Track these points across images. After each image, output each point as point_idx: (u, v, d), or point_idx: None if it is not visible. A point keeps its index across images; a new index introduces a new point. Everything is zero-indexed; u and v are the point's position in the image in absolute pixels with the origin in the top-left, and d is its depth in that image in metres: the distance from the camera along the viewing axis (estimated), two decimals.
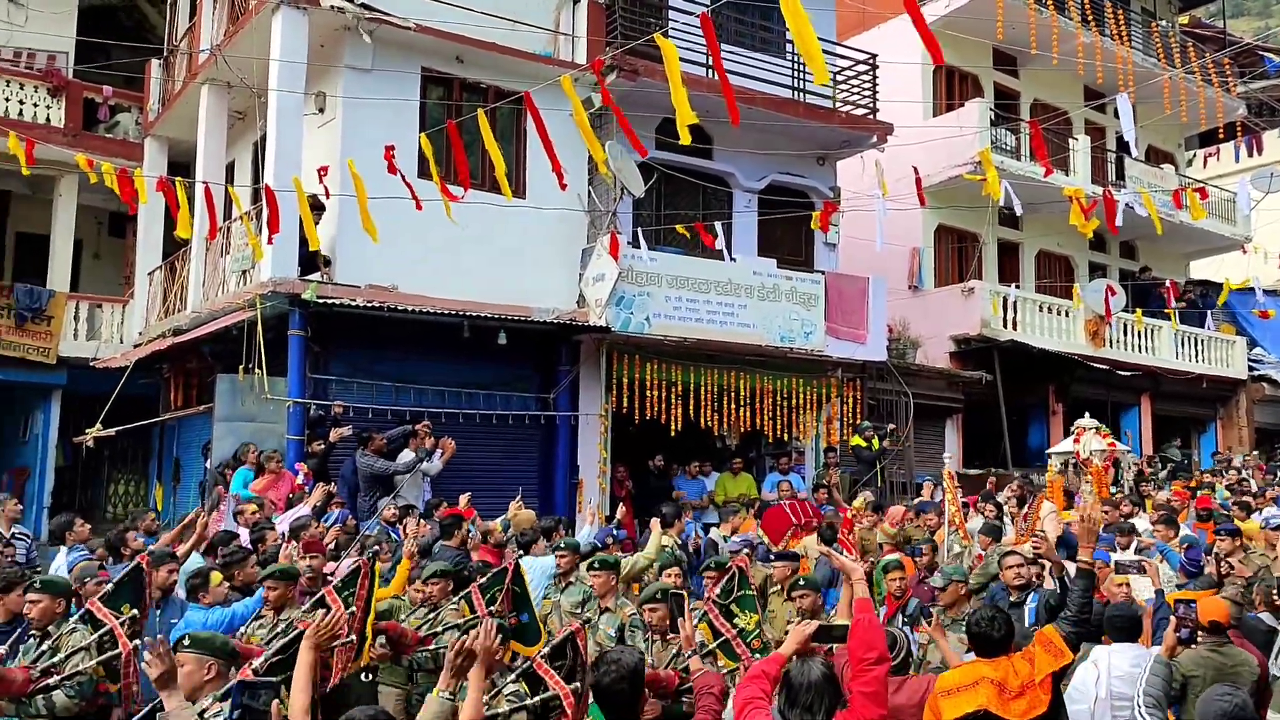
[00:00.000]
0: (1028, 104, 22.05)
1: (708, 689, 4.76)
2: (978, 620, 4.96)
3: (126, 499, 16.64)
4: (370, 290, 11.64)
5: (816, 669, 4.10)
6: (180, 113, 14.96)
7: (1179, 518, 10.53)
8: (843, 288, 14.84)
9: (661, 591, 6.23)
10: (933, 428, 17.96)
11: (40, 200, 16.84)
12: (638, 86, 12.76)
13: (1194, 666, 5.45)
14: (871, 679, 4.41)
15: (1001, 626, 4.89)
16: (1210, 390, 22.20)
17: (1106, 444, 13.02)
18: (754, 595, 5.99)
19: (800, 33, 6.01)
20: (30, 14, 16.89)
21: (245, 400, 11.31)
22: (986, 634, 4.87)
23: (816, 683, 4.05)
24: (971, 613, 5.28)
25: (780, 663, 4.36)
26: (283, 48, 11.47)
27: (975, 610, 5.23)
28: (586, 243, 13.32)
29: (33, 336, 15.33)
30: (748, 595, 5.97)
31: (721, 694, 4.75)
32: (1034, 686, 4.70)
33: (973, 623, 4.99)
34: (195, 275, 13.63)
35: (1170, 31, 23.87)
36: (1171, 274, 23.90)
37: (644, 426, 13.60)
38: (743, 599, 5.93)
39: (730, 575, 6.03)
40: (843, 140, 15.68)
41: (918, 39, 19.33)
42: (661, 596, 6.14)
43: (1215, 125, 23.74)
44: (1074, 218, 11.85)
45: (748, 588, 6.01)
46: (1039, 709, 4.67)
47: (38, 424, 15.90)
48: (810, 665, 4.13)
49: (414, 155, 10.97)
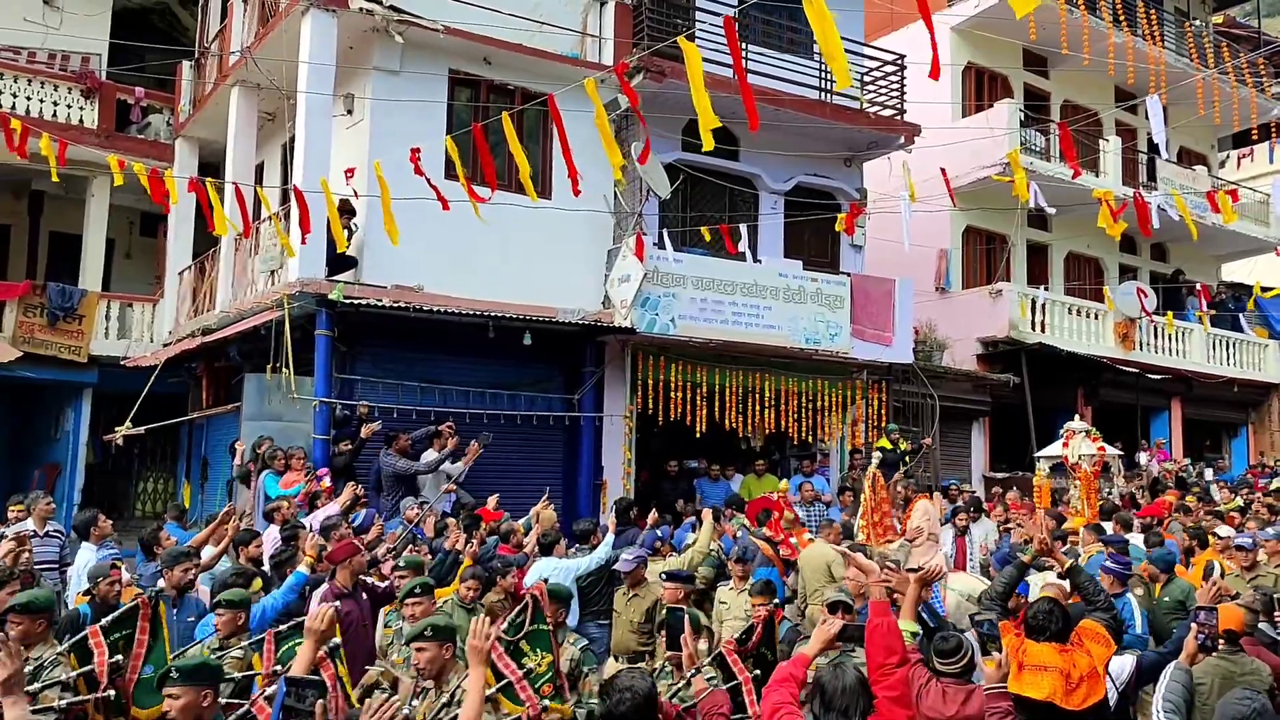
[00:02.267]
0: (1058, 105, 21.86)
1: (715, 709, 4.60)
2: (1035, 614, 5.20)
3: (155, 497, 16.81)
4: (396, 290, 11.71)
5: (850, 673, 4.11)
6: (211, 114, 15.11)
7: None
8: (869, 289, 14.78)
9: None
10: (960, 430, 17.85)
11: (73, 200, 17.04)
12: (664, 88, 12.76)
13: (1202, 674, 5.44)
14: (895, 681, 4.42)
15: (1059, 620, 5.16)
16: (1242, 394, 21.95)
17: (1096, 448, 12.91)
18: (549, 631, 5.07)
19: (825, 35, 6.00)
20: (65, 16, 17.14)
21: (272, 400, 11.41)
22: (1044, 626, 5.11)
23: (851, 686, 4.07)
24: (1030, 605, 5.48)
25: (806, 664, 4.37)
26: (312, 50, 11.55)
27: (1034, 603, 5.43)
28: (612, 244, 13.34)
29: (65, 335, 15.52)
30: (540, 631, 5.06)
31: (730, 713, 4.63)
32: (1094, 676, 4.98)
33: (1030, 615, 5.22)
34: (224, 275, 13.76)
35: (1204, 31, 23.58)
36: (1203, 277, 23.65)
37: (668, 428, 13.61)
38: (534, 635, 5.03)
39: (523, 607, 5.08)
40: (870, 141, 15.61)
41: (948, 39, 19.26)
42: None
43: (1249, 126, 23.44)
44: (1103, 220, 11.74)
45: (542, 622, 5.07)
46: (1097, 696, 4.95)
47: (69, 422, 16.08)
48: (844, 670, 4.14)
49: (441, 157, 11.02)
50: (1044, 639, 5.12)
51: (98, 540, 8.70)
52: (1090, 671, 5.00)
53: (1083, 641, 5.19)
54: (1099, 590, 6.16)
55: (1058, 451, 13.69)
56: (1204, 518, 12.18)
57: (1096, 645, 5.17)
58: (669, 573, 7.26)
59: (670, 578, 7.11)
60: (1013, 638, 5.20)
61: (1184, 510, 12.64)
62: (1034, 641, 5.15)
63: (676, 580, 7.07)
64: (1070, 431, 13.67)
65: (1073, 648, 5.12)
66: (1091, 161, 20.20)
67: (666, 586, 7.07)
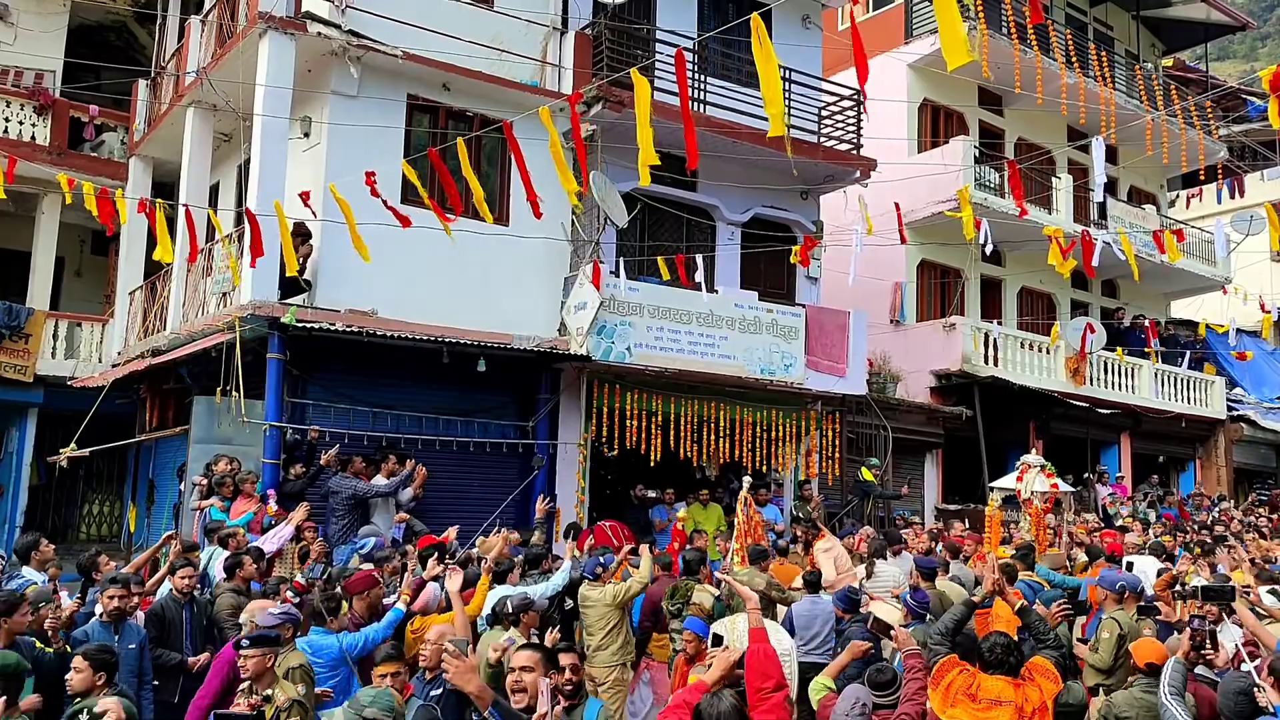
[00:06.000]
0: (1012, 142, 22.28)
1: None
2: (992, 647, 5.47)
3: (100, 520, 16.52)
4: (350, 315, 11.63)
5: (726, 701, 4.22)
6: (165, 134, 14.98)
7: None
8: (823, 321, 14.90)
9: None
10: (913, 462, 18.00)
11: (22, 217, 16.79)
12: (622, 118, 12.82)
13: (1127, 707, 5.70)
14: (772, 705, 4.54)
15: (1015, 654, 5.46)
16: (1189, 430, 22.33)
17: (1049, 484, 13.07)
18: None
19: (767, 78, 6.06)
20: (19, 32, 16.95)
21: (222, 423, 11.25)
22: (1003, 660, 5.38)
23: (726, 713, 4.16)
24: (985, 640, 5.70)
25: (703, 691, 4.46)
26: (269, 72, 11.50)
27: (989, 638, 5.67)
28: (569, 271, 13.35)
29: (10, 354, 15.26)
30: None
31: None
32: (1044, 710, 5.25)
33: (986, 649, 5.49)
34: (175, 296, 13.60)
35: (1154, 74, 24.17)
36: (1153, 313, 24.11)
37: (622, 456, 13.59)
38: None
39: None
40: (827, 175, 15.79)
41: (905, 76, 19.47)
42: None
43: (1197, 167, 24.02)
44: (1053, 257, 11.93)
45: None
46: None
47: (13, 442, 15.78)
48: (720, 698, 4.24)
49: (398, 181, 11.00)
50: (999, 672, 5.33)
51: (39, 565, 8.52)
52: (1041, 706, 5.23)
53: (1034, 677, 5.40)
54: (1048, 629, 6.47)
55: (1011, 484, 13.79)
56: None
57: (1046, 681, 5.39)
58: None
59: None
60: (961, 673, 5.31)
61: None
62: (988, 675, 5.33)
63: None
64: (1025, 465, 13.74)
65: (1024, 682, 5.33)
66: (1044, 199, 20.58)
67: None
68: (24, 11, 17.02)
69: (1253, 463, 23.95)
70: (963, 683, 5.34)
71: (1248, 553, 13.00)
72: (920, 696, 5.12)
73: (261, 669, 5.58)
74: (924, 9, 20.32)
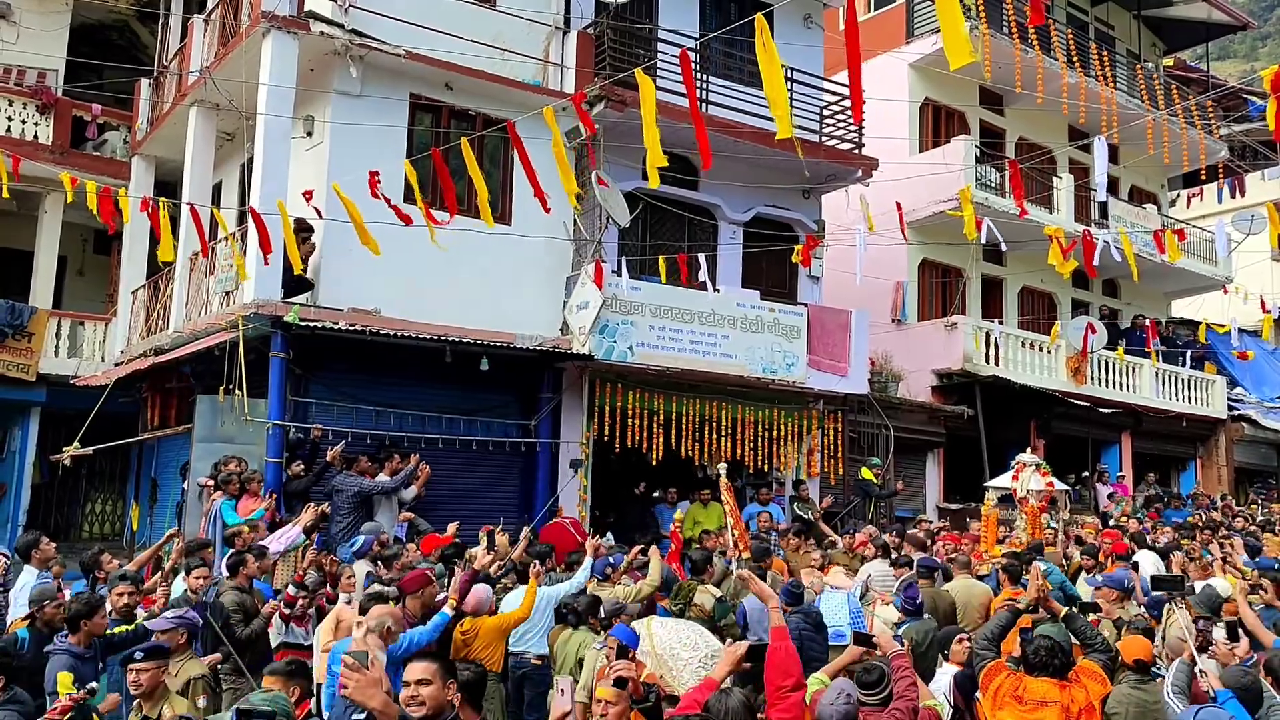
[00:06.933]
0: (1013, 141, 22.26)
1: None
2: (1036, 650, 5.51)
3: (103, 518, 16.53)
4: (353, 314, 11.64)
5: (735, 697, 4.23)
6: (168, 133, 14.99)
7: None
8: (825, 320, 14.91)
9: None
10: (914, 461, 18.01)
11: (25, 216, 16.80)
12: (625, 117, 12.82)
13: (1116, 704, 5.67)
14: (790, 705, 4.55)
15: (1060, 655, 5.52)
16: (1190, 429, 22.33)
17: (1045, 483, 13.08)
18: None
19: (770, 80, 6.07)
20: (22, 31, 16.95)
21: (225, 421, 11.27)
22: (1045, 662, 5.45)
23: (734, 709, 4.17)
24: (1029, 641, 5.71)
25: (714, 687, 4.46)
26: (272, 71, 11.52)
27: (1034, 640, 5.68)
28: (571, 270, 13.37)
29: (13, 353, 15.26)
30: None
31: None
32: (1091, 710, 5.35)
33: (1031, 652, 5.54)
34: (178, 295, 13.61)
35: (1155, 73, 24.15)
36: (1154, 313, 24.10)
37: (624, 455, 13.61)
38: None
39: None
40: (828, 174, 15.79)
41: (906, 75, 19.48)
42: None
43: (1198, 167, 24.04)
44: (1053, 257, 11.95)
45: None
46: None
47: (15, 441, 15.79)
48: (730, 695, 4.25)
49: (400, 180, 11.01)
50: (1044, 675, 5.42)
51: (40, 564, 8.54)
52: (1087, 706, 5.34)
53: (1080, 679, 5.52)
54: (1096, 634, 6.47)
55: (1007, 483, 13.81)
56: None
57: (1094, 683, 5.51)
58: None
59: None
60: (1008, 676, 5.42)
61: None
62: (1033, 677, 5.44)
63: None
64: (1021, 464, 13.78)
65: (1071, 683, 5.44)
66: (1045, 198, 20.57)
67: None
68: (26, 10, 17.03)
69: (1253, 462, 23.96)
70: (1010, 685, 5.48)
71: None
72: (911, 693, 5.14)
73: (155, 683, 5.03)
74: (925, 8, 20.31)
